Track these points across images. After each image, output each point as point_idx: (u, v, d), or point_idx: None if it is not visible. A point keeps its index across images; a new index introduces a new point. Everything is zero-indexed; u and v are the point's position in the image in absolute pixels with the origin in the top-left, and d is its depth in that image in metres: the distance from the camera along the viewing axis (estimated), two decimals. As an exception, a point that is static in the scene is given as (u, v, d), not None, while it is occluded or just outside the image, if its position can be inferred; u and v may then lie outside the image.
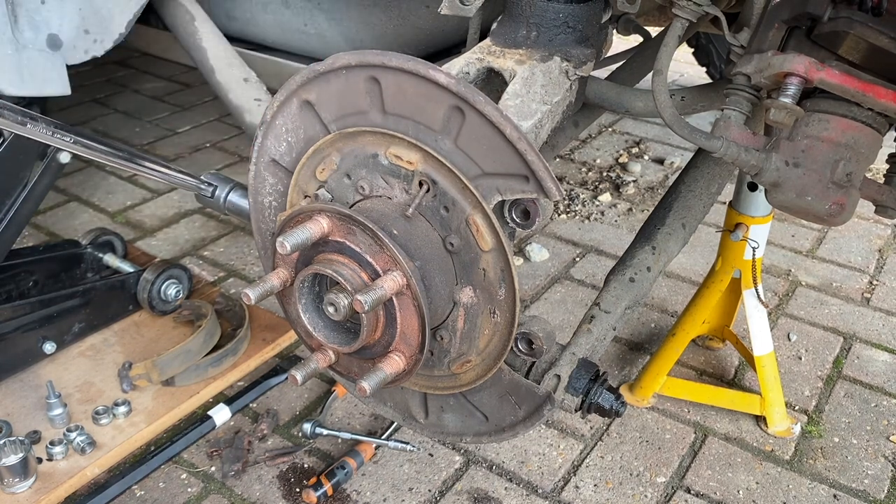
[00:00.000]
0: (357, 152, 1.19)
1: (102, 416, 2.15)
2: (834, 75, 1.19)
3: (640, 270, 1.55)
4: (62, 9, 1.94)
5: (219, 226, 3.19)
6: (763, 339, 2.25)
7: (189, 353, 2.27)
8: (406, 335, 1.19)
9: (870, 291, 2.92)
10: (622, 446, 2.22)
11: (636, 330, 2.68)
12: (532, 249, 3.03)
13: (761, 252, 2.20)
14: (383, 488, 2.06)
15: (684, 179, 1.73)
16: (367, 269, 1.15)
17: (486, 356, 1.26)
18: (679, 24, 1.33)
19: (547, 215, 1.13)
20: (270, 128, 1.29)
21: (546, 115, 1.26)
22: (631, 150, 3.96)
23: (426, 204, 1.16)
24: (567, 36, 1.35)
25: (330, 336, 1.26)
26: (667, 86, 1.32)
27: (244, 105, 1.88)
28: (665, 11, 1.90)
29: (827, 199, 1.26)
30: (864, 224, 3.35)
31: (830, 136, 1.24)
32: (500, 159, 1.09)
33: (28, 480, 1.96)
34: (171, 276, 2.53)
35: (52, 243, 2.56)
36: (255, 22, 2.41)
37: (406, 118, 1.14)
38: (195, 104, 4.28)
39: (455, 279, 1.20)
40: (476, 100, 1.06)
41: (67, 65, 2.01)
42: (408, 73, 1.10)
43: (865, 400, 2.41)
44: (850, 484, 2.12)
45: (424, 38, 2.28)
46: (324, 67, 1.17)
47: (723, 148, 1.26)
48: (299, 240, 1.13)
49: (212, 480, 2.07)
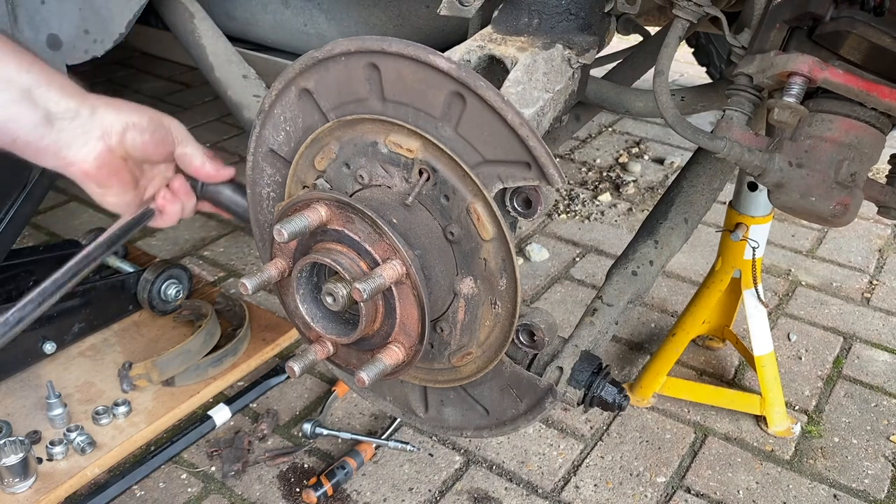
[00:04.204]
0: (356, 141, 1.19)
1: (102, 416, 2.14)
2: (838, 75, 1.18)
3: (643, 264, 1.55)
4: (62, 9, 1.94)
5: (219, 226, 3.18)
6: (763, 339, 2.24)
7: (189, 353, 2.27)
8: (405, 326, 1.18)
9: (870, 291, 2.92)
10: (622, 446, 2.21)
11: (636, 330, 2.68)
12: (532, 249, 3.03)
13: (761, 252, 2.20)
14: (383, 488, 2.05)
15: (686, 175, 1.72)
16: (366, 258, 1.15)
17: (486, 348, 1.25)
18: (679, 24, 1.33)
19: (549, 203, 1.12)
20: (268, 117, 1.28)
21: (548, 102, 1.26)
22: (631, 150, 3.96)
23: (426, 192, 1.15)
24: (569, 23, 1.35)
25: (328, 327, 1.25)
26: (668, 86, 1.32)
27: (243, 101, 1.88)
28: (665, 11, 1.90)
29: (831, 199, 1.25)
30: (864, 224, 3.35)
31: (834, 137, 1.24)
32: (502, 146, 1.09)
33: (28, 480, 1.95)
34: (171, 276, 2.52)
35: (52, 243, 2.56)
36: (254, 22, 2.41)
37: (406, 105, 1.13)
38: (195, 104, 4.28)
39: (455, 269, 1.19)
40: (477, 85, 1.05)
41: (67, 65, 2.01)
42: (408, 59, 1.09)
43: (865, 400, 2.40)
44: (851, 484, 2.11)
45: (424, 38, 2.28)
46: (322, 54, 1.16)
47: (726, 148, 1.25)
48: (297, 228, 1.12)
49: (212, 480, 2.07)
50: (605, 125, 4.25)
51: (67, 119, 1.24)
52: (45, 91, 1.21)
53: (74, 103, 1.24)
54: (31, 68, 1.21)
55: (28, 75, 1.20)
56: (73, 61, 2.01)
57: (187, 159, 1.39)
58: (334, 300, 1.16)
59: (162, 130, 1.33)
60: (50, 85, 1.22)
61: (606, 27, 1.43)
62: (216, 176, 1.43)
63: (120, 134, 1.28)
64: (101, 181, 1.32)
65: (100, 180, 1.32)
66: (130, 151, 1.31)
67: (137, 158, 1.34)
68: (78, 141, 1.25)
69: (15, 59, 1.20)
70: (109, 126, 1.27)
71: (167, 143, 1.35)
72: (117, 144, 1.28)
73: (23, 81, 1.20)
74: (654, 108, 1.80)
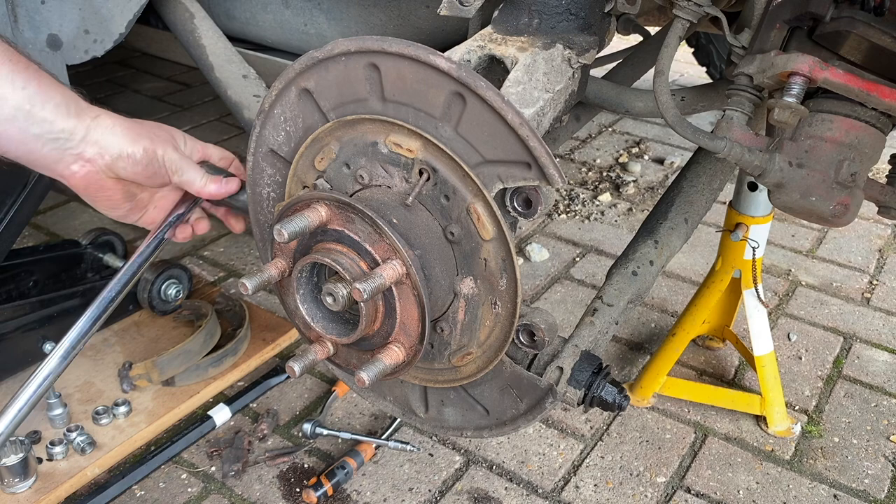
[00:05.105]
0: (356, 141, 1.19)
1: (102, 416, 2.14)
2: (838, 75, 1.18)
3: (643, 264, 1.55)
4: (62, 9, 1.94)
5: (218, 226, 3.16)
6: (763, 339, 2.24)
7: (189, 353, 2.27)
8: (406, 326, 1.18)
9: (870, 291, 2.92)
10: (622, 446, 2.21)
11: (636, 330, 2.68)
12: (532, 249, 3.03)
13: (761, 252, 2.20)
14: (383, 488, 2.05)
15: (686, 175, 1.72)
16: (366, 258, 1.15)
17: (487, 348, 1.25)
18: (680, 24, 1.32)
19: (549, 203, 1.12)
20: (268, 117, 1.28)
21: (548, 102, 1.26)
22: (631, 150, 3.96)
23: (426, 192, 1.15)
24: (569, 23, 1.35)
25: (328, 327, 1.25)
26: (668, 86, 1.32)
27: (243, 101, 1.88)
28: (665, 11, 1.90)
29: (831, 199, 1.25)
30: (864, 224, 3.35)
31: (834, 136, 1.24)
32: (502, 146, 1.09)
33: (28, 480, 1.95)
34: (171, 276, 2.52)
35: (52, 243, 2.55)
36: (254, 22, 2.40)
37: (406, 105, 1.13)
38: (195, 104, 4.28)
39: (455, 269, 1.19)
40: (477, 85, 1.05)
41: (67, 65, 2.00)
42: (408, 59, 1.09)
43: (865, 400, 2.40)
44: (851, 484, 2.11)
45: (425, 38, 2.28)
46: (322, 54, 1.16)
47: (726, 148, 1.25)
48: (297, 228, 1.12)
49: (212, 480, 2.07)
50: (605, 125, 4.25)
51: (60, 140, 1.24)
52: (40, 110, 1.21)
53: (70, 124, 1.24)
54: (28, 84, 1.20)
55: (24, 92, 1.20)
56: (73, 61, 2.00)
57: (187, 186, 1.40)
58: (334, 300, 1.16)
59: (154, 165, 1.33)
60: (46, 104, 1.22)
61: (606, 27, 1.43)
62: (219, 194, 1.43)
63: (111, 161, 1.28)
64: (90, 195, 1.33)
65: (88, 194, 1.33)
66: (122, 176, 1.31)
67: (130, 182, 1.34)
68: (67, 159, 1.26)
69: (11, 76, 1.19)
70: (101, 151, 1.27)
71: (160, 176, 1.36)
72: (107, 168, 1.29)
73: (18, 99, 1.19)
74: (654, 108, 1.80)
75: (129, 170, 1.30)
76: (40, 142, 1.23)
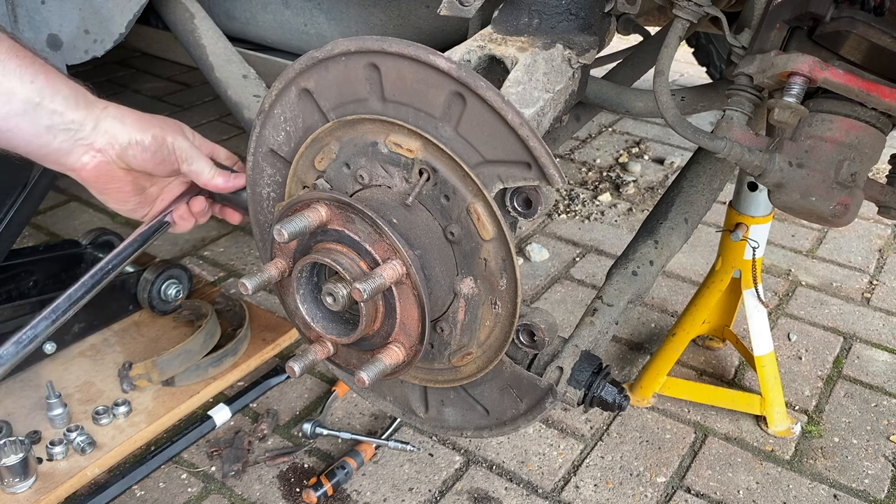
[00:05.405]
0: (356, 141, 1.19)
1: (102, 416, 2.14)
2: (838, 75, 1.18)
3: (643, 264, 1.55)
4: (62, 9, 1.94)
5: (219, 226, 3.18)
6: (763, 339, 2.24)
7: (189, 353, 2.27)
8: (406, 326, 1.18)
9: (870, 291, 2.92)
10: (622, 446, 2.21)
11: (636, 330, 2.68)
12: (532, 249, 3.03)
13: (761, 252, 2.20)
14: (383, 488, 2.05)
15: (686, 175, 1.73)
16: (366, 258, 1.15)
17: (487, 348, 1.26)
18: (679, 24, 1.33)
19: (549, 203, 1.12)
20: (268, 117, 1.29)
21: (548, 102, 1.26)
22: (631, 150, 3.96)
23: (426, 192, 1.15)
24: (569, 23, 1.35)
25: (328, 327, 1.25)
26: (668, 86, 1.32)
27: (243, 101, 1.88)
28: (665, 11, 1.90)
29: (831, 199, 1.25)
30: (864, 224, 3.35)
31: (834, 136, 1.24)
32: (502, 146, 1.09)
33: (28, 480, 1.95)
34: (171, 276, 2.52)
35: (52, 243, 2.55)
36: (254, 22, 2.40)
37: (406, 105, 1.14)
38: (195, 104, 4.28)
39: (455, 269, 1.20)
40: (477, 85, 1.05)
41: (67, 65, 2.01)
42: (408, 59, 1.09)
43: (865, 400, 2.40)
44: (851, 484, 2.11)
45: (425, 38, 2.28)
46: (322, 54, 1.16)
47: (726, 148, 1.25)
48: (297, 227, 1.12)
49: (212, 480, 2.07)
50: (605, 125, 4.25)
51: (70, 131, 1.25)
52: (50, 102, 1.22)
53: (79, 115, 1.26)
54: (36, 78, 1.21)
55: (32, 86, 1.21)
56: (73, 61, 2.01)
57: (194, 176, 1.41)
58: (334, 300, 1.17)
59: (164, 151, 1.34)
60: (55, 96, 1.23)
61: (606, 27, 1.43)
62: (226, 187, 1.44)
63: (121, 149, 1.29)
64: (99, 188, 1.34)
65: (98, 187, 1.33)
66: (132, 165, 1.32)
67: (140, 172, 1.35)
68: (78, 150, 1.27)
69: (19, 70, 1.20)
70: (111, 140, 1.28)
71: (170, 163, 1.37)
72: (117, 158, 1.29)
73: (27, 93, 1.20)
74: (654, 108, 1.80)
75: (139, 157, 1.31)
76: (51, 133, 1.24)
